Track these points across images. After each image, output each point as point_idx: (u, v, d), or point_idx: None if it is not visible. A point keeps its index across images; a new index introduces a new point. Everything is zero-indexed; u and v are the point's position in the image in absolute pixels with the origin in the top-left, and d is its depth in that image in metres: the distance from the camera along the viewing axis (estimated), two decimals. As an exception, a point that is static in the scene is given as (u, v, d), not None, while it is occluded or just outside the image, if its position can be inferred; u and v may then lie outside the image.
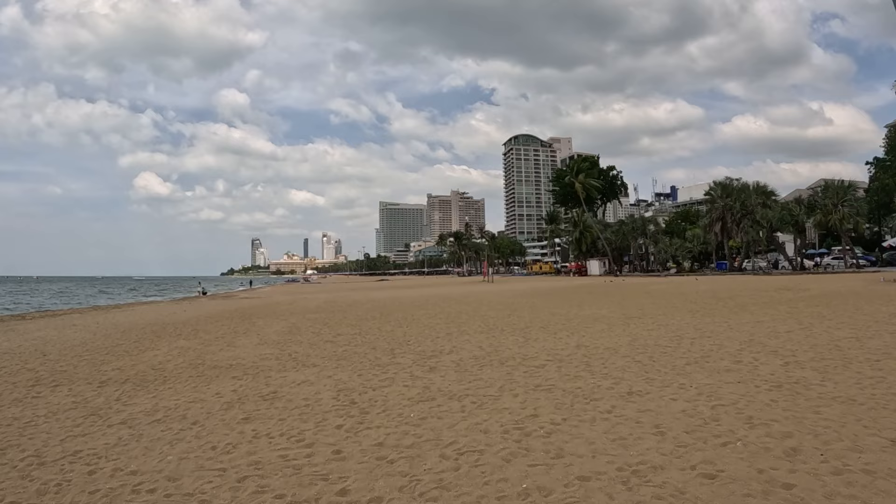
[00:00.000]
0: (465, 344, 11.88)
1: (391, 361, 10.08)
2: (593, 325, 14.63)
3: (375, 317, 19.30)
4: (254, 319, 20.43)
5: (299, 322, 18.57)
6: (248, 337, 14.82)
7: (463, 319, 17.23)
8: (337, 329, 15.82)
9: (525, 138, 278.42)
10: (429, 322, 16.73)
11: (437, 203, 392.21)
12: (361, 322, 17.64)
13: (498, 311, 19.80)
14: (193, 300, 42.58)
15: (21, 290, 77.99)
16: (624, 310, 19.10)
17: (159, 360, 11.62)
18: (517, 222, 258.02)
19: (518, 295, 29.62)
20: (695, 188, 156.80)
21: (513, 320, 16.56)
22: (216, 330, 17.08)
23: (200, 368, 10.36)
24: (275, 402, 7.42)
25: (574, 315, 17.72)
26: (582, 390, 7.39)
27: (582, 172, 71.86)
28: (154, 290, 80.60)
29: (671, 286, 31.76)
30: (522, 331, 13.86)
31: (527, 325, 14.98)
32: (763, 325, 13.27)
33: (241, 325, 18.53)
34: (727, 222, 60.99)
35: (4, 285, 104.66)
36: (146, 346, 14.07)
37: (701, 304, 20.22)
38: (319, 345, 12.69)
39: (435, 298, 29.32)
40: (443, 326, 15.43)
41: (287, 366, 10.13)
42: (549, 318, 16.73)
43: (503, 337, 12.81)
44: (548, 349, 10.85)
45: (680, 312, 17.42)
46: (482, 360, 9.89)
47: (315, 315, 21.16)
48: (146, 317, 24.00)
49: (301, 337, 14.32)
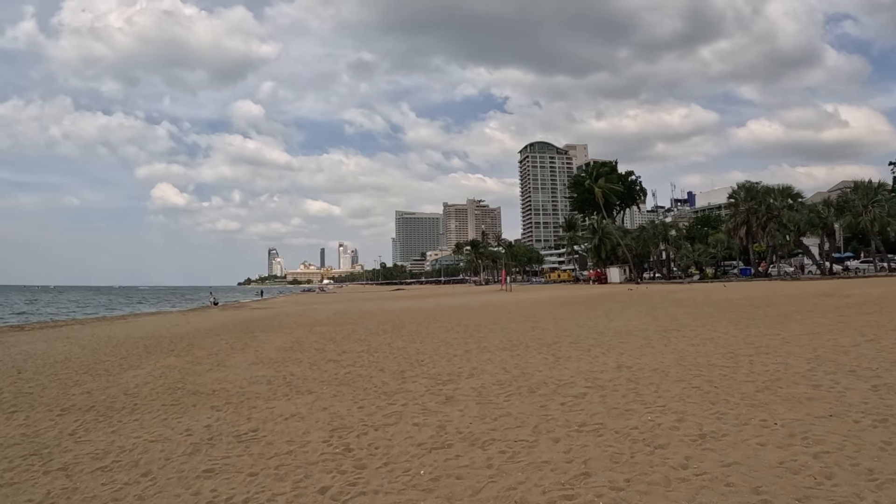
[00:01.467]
0: (486, 364, 10.28)
1: (400, 388, 8.52)
2: (628, 340, 12.97)
3: (387, 330, 17.77)
4: (256, 333, 19.01)
5: (304, 336, 17.10)
6: (244, 354, 13.35)
7: (482, 334, 15.63)
8: (343, 345, 14.30)
9: (541, 145, 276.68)
10: (445, 337, 15.14)
11: (453, 212, 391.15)
12: (371, 337, 16.11)
13: (520, 324, 18.18)
14: (202, 311, 41.41)
15: (34, 299, 77.65)
16: (657, 321, 17.42)
17: (137, 382, 10.19)
18: (534, 230, 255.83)
19: (539, 305, 27.95)
20: (713, 193, 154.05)
21: (537, 334, 14.93)
22: (212, 345, 15.66)
23: (178, 394, 8.89)
24: (251, 446, 5.90)
25: (604, 328, 16.06)
26: (639, 431, 5.79)
27: (601, 177, 69.82)
28: (166, 299, 79.90)
29: (700, 294, 29.86)
30: (550, 347, 12.24)
31: (554, 341, 13.35)
32: (821, 338, 11.57)
33: (241, 339, 17.11)
34: (752, 226, 58.73)
35: (20, 294, 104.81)
36: (131, 363, 12.68)
37: (740, 313, 18.49)
38: (320, 365, 11.17)
39: (451, 309, 27.76)
40: (460, 342, 13.84)
41: (278, 392, 8.61)
42: (577, 332, 15.08)
43: (529, 355, 11.21)
44: (584, 371, 9.23)
45: (720, 323, 15.72)
46: (508, 386, 8.29)
47: (322, 328, 19.69)
48: (146, 329, 22.72)
49: (302, 354, 12.81)
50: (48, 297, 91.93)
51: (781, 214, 56.30)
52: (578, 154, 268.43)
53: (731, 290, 30.97)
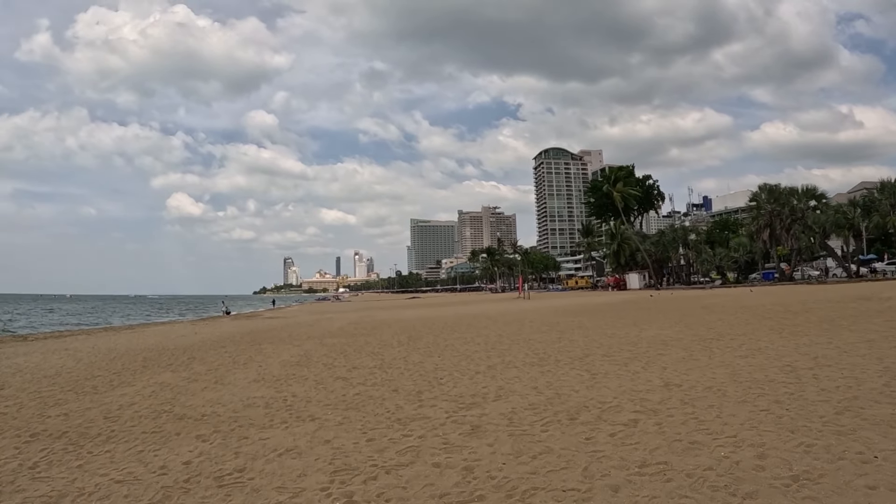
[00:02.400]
0: (514, 383, 9.06)
1: (417, 413, 7.33)
2: (667, 352, 11.70)
3: (402, 342, 16.60)
4: (263, 345, 17.94)
5: (313, 349, 15.98)
6: (246, 369, 12.25)
7: (505, 345, 14.41)
8: (354, 359, 13.14)
9: (556, 151, 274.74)
10: (465, 350, 13.93)
11: (468, 219, 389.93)
12: (384, 350, 14.95)
13: (544, 334, 16.94)
14: (213, 321, 40.54)
15: (48, 308, 77.65)
16: (692, 329, 16.14)
17: (122, 402, 9.12)
18: (549, 237, 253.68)
19: (561, 313, 26.65)
20: (729, 197, 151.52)
21: (565, 346, 13.68)
22: (214, 358, 14.60)
23: (163, 419, 7.79)
24: (233, 494, 4.76)
25: (636, 337, 14.78)
26: (716, 473, 4.58)
27: (620, 181, 68.20)
28: (180, 309, 79.50)
29: (728, 299, 28.31)
30: (582, 361, 11.01)
31: (585, 353, 12.10)
32: (880, 346, 10.40)
33: (246, 352, 16.03)
34: (776, 228, 56.83)
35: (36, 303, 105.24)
36: (123, 379, 11.64)
37: (778, 319, 17.17)
38: (328, 383, 10.02)
39: (469, 318, 26.54)
40: (482, 355, 12.63)
41: (275, 419, 7.47)
42: (608, 343, 13.81)
43: (561, 371, 9.98)
44: (627, 391, 8.00)
45: (761, 331, 14.43)
46: (543, 411, 7.08)
47: (333, 340, 18.58)
48: (150, 340, 21.77)
49: (308, 371, 11.67)
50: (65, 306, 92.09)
51: (806, 216, 54.41)
52: (593, 160, 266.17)
53: (760, 295, 29.38)
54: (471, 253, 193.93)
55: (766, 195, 57.20)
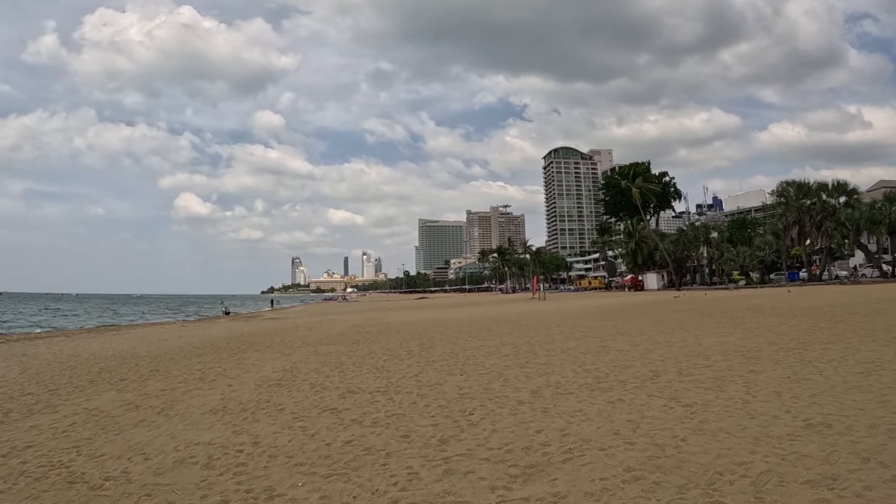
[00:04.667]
0: (581, 423, 6.17)
1: (446, 489, 4.43)
2: (758, 367, 8.81)
3: (412, 352, 13.73)
4: (248, 353, 15.16)
5: (304, 360, 13.14)
6: (209, 391, 9.42)
7: (541, 358, 11.52)
8: (351, 377, 10.27)
9: (565, 151, 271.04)
10: (493, 364, 11.00)
11: (477, 219, 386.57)
12: (392, 362, 12.07)
13: (582, 342, 14.07)
14: (208, 322, 37.81)
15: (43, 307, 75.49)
16: (759, 335, 13.37)
17: (19, 442, 6.35)
18: (559, 237, 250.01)
19: (586, 316, 23.72)
20: (742, 197, 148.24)
21: (617, 359, 10.79)
22: (180, 372, 11.80)
23: (47, 483, 5.00)
24: None
25: (698, 346, 11.89)
26: None
27: (639, 176, 64.92)
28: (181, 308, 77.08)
29: (771, 300, 25.26)
30: (655, 382, 8.13)
31: (653, 371, 9.20)
32: None
33: (224, 363, 13.24)
34: (805, 225, 53.61)
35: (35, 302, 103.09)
36: (52, 401, 8.92)
37: (852, 323, 14.57)
38: (310, 419, 7.14)
39: (486, 321, 23.66)
40: (518, 373, 9.73)
41: (211, 495, 4.63)
42: (669, 355, 10.91)
43: (637, 400, 7.10)
44: (761, 437, 5.14)
45: (849, 337, 11.85)
46: (655, 483, 4.21)
47: (331, 348, 15.76)
48: (125, 344, 19.06)
49: (289, 395, 8.79)
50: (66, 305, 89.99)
51: (839, 212, 51.19)
52: (603, 159, 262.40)
53: (804, 296, 26.31)
54: (480, 253, 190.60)
55: (795, 190, 54.07)
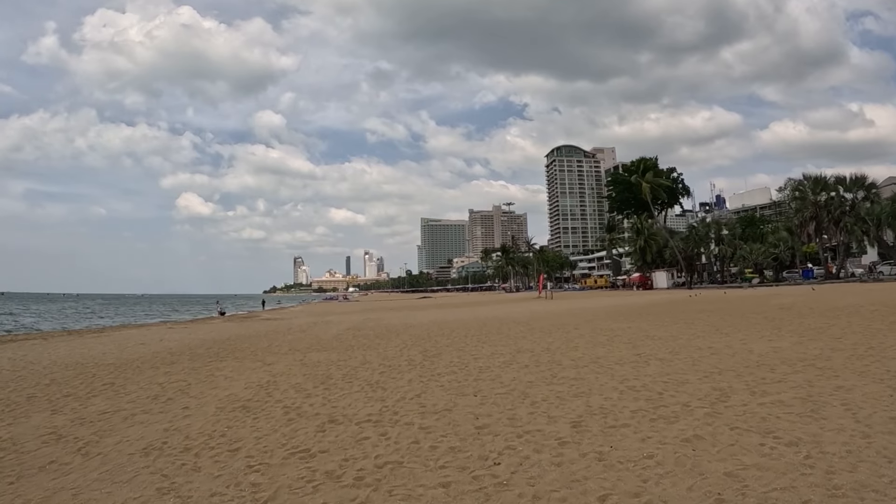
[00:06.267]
0: (662, 485, 4.23)
1: None
2: (851, 384, 6.92)
3: (415, 362, 11.80)
4: (227, 361, 13.27)
5: (287, 371, 11.24)
6: (160, 415, 7.53)
7: (569, 371, 9.60)
8: (338, 397, 8.34)
9: (567, 149, 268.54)
10: (511, 380, 9.04)
11: (479, 218, 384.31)
12: (389, 377, 10.15)
13: (609, 349, 12.17)
14: (201, 323, 35.95)
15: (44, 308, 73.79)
16: (813, 340, 11.59)
17: None
18: (561, 235, 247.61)
19: (602, 317, 21.80)
20: (746, 195, 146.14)
21: (660, 371, 8.88)
22: (140, 386, 9.90)
23: None
24: None
25: (748, 353, 9.98)
26: None
27: (649, 171, 62.82)
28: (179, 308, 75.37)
29: (798, 298, 23.26)
30: (725, 403, 6.22)
31: (718, 389, 7.28)
32: None
33: (195, 373, 11.36)
34: (823, 221, 51.58)
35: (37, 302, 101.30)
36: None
37: None
38: (271, 469, 5.22)
39: (494, 322, 21.76)
40: (547, 394, 7.80)
41: None
42: (721, 364, 8.99)
43: (718, 434, 5.18)
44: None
45: None
46: None
47: (321, 355, 13.86)
48: (100, 349, 17.23)
49: (251, 427, 6.84)
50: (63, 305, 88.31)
51: (858, 207, 49.18)
52: (606, 157, 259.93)
53: (834, 295, 24.33)
54: (483, 252, 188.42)
55: (812, 185, 52.07)
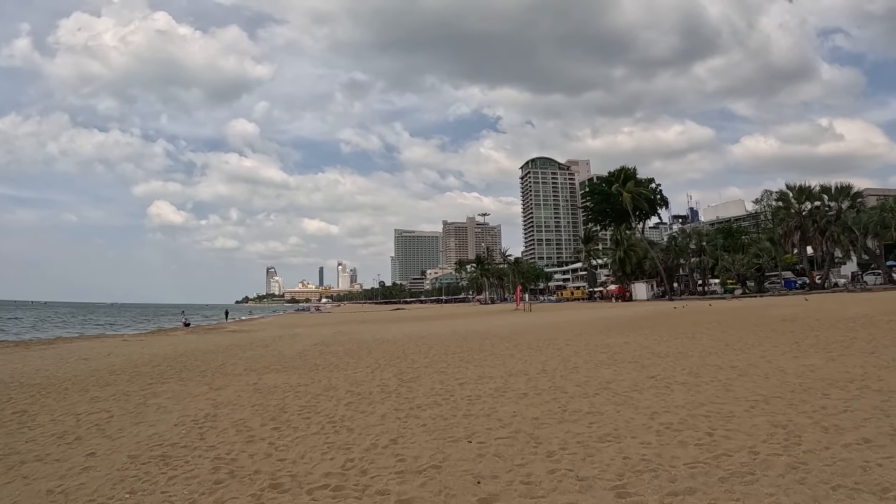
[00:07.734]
0: None
1: None
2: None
3: (388, 388, 9.99)
4: (169, 383, 11.29)
5: (234, 399, 9.33)
6: (56, 464, 5.59)
7: (580, 403, 7.92)
8: (288, 443, 6.48)
9: (542, 161, 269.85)
10: (511, 415, 7.30)
11: (453, 230, 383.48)
12: (358, 407, 8.34)
13: (614, 369, 10.55)
14: (161, 334, 33.53)
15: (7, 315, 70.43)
16: (850, 357, 10.23)
17: None
18: (536, 247, 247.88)
19: (591, 331, 20.23)
20: (721, 207, 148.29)
21: (692, 402, 7.26)
22: (54, 417, 7.93)
23: None
24: None
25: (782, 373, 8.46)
26: None
27: (629, 180, 61.93)
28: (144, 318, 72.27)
29: (796, 310, 21.97)
30: (799, 447, 4.58)
31: (779, 426, 5.65)
32: None
33: (125, 400, 9.39)
34: (808, 230, 51.08)
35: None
36: None
37: None
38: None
39: (475, 337, 20.04)
40: (564, 438, 6.08)
41: None
42: (764, 391, 7.42)
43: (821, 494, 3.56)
44: None
45: None
46: None
47: (280, 377, 11.97)
48: (37, 364, 15.14)
49: (161, 493, 5.03)
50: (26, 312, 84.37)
51: (845, 216, 48.76)
52: (581, 169, 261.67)
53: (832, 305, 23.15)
54: (457, 263, 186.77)
55: (796, 194, 51.65)
